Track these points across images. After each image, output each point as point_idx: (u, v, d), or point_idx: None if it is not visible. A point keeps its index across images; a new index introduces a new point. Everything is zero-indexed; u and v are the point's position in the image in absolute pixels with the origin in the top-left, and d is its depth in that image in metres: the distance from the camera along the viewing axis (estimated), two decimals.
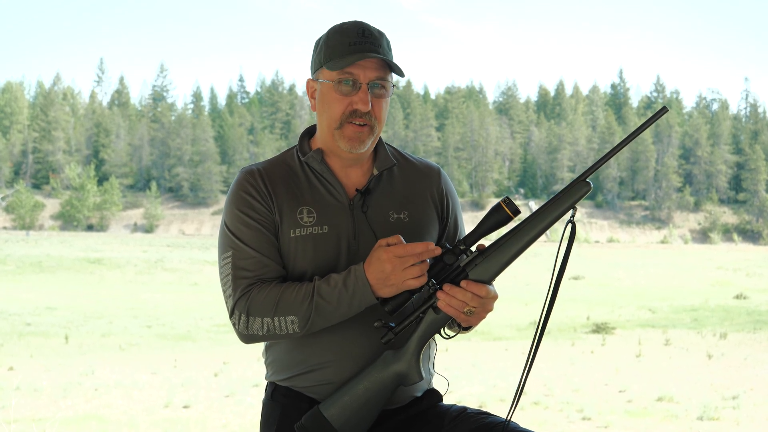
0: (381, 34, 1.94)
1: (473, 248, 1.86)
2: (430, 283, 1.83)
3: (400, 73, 1.94)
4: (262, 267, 1.90)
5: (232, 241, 1.92)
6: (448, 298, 1.82)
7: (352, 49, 1.89)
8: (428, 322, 1.86)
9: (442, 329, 1.90)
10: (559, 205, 1.82)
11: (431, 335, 1.87)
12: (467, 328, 1.93)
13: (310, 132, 2.06)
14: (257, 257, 1.90)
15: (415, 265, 1.80)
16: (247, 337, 1.91)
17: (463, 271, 1.84)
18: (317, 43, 1.98)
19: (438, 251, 1.82)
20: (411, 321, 1.86)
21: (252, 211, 1.93)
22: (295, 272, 1.95)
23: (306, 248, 1.93)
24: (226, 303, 1.92)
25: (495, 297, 1.85)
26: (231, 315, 1.91)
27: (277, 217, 1.94)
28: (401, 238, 1.82)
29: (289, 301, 1.86)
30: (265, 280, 1.90)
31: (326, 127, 1.94)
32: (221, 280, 1.94)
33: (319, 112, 1.97)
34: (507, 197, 1.82)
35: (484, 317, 1.87)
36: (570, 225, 1.83)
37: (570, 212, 1.82)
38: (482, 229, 1.83)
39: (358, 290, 1.83)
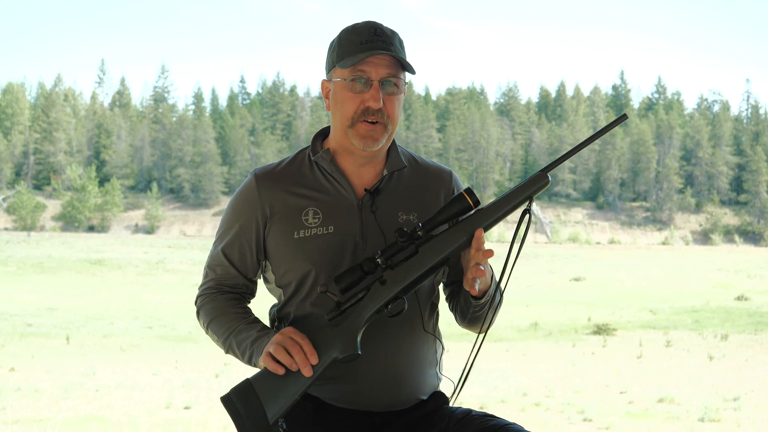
0: (393, 33, 1.95)
1: None
2: (381, 260, 1.81)
3: (412, 71, 1.95)
4: (229, 276, 2.04)
5: (217, 240, 2.06)
6: (478, 243, 1.82)
7: (364, 47, 1.90)
8: (372, 295, 1.82)
9: (387, 307, 1.84)
10: (516, 196, 1.83)
11: (374, 308, 1.83)
12: (475, 303, 1.94)
13: (324, 133, 2.07)
14: (227, 267, 2.03)
15: (287, 355, 1.82)
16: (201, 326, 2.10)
17: (416, 252, 1.83)
18: (331, 44, 1.98)
19: (314, 361, 1.82)
20: (357, 297, 1.83)
21: (242, 224, 2.01)
22: (300, 272, 1.96)
23: (310, 249, 1.94)
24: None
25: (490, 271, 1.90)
26: (195, 302, 2.10)
27: (272, 226, 1.98)
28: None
29: (216, 326, 2.01)
30: (224, 287, 2.04)
31: (339, 125, 1.95)
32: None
33: (332, 111, 1.98)
34: (469, 188, 1.84)
35: (487, 288, 1.90)
36: (527, 215, 1.85)
37: (526, 203, 1.84)
38: (442, 216, 1.83)
39: (254, 356, 1.94)
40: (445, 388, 2.07)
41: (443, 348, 2.07)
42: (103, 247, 49.94)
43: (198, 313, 2.07)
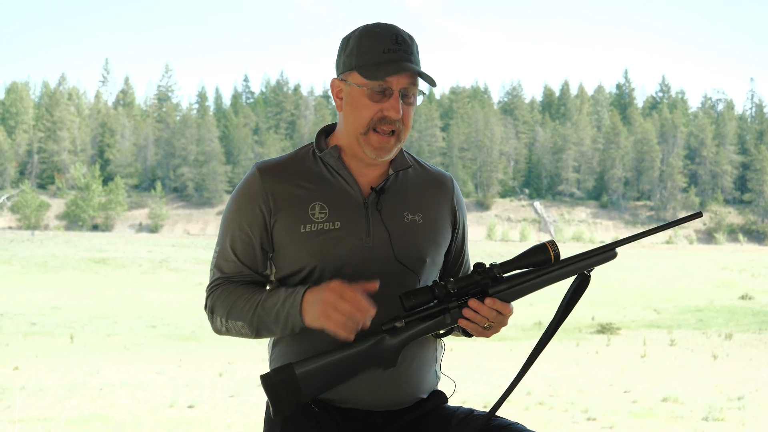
0: (412, 40, 1.93)
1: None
2: (454, 290, 1.83)
3: (433, 83, 1.93)
4: (238, 273, 1.97)
5: (222, 238, 1.99)
6: (472, 314, 1.84)
7: (387, 58, 1.88)
8: (433, 323, 1.86)
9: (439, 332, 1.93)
10: (583, 261, 1.87)
11: (428, 333, 1.88)
12: (463, 335, 1.98)
13: (327, 130, 2.05)
14: (236, 263, 1.96)
15: (344, 315, 1.78)
16: (215, 331, 2.00)
17: (485, 294, 1.85)
18: (345, 42, 1.94)
19: (371, 314, 1.79)
20: (419, 316, 1.85)
21: (246, 218, 1.96)
22: (304, 267, 1.94)
23: (317, 244, 1.91)
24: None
25: (511, 313, 1.89)
26: (205, 307, 2.00)
27: (277, 219, 1.94)
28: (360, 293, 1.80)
29: (239, 308, 1.91)
30: (233, 281, 1.97)
31: (352, 130, 1.93)
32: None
33: (345, 113, 1.95)
34: (553, 241, 1.86)
35: (498, 331, 1.90)
36: (583, 279, 1.89)
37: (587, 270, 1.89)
38: (520, 263, 1.85)
39: (291, 312, 1.86)
40: (444, 386, 2.07)
41: (444, 347, 2.06)
42: (107, 246, 50.02)
43: (212, 314, 1.96)
